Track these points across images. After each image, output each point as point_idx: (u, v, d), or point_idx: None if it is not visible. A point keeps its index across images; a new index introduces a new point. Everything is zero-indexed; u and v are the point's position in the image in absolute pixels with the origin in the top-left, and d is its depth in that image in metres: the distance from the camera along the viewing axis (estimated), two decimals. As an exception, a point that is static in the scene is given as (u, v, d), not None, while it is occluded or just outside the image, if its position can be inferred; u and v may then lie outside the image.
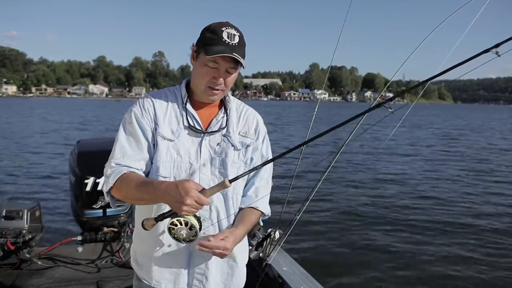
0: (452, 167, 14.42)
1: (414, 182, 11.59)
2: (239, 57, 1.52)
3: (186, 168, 1.59)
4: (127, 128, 1.61)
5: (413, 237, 6.96)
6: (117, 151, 1.58)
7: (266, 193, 1.77)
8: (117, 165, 1.54)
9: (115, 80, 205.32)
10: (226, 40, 1.52)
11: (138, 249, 1.73)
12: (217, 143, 1.65)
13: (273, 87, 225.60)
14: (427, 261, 5.99)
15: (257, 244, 3.02)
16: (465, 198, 9.89)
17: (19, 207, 3.57)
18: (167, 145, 1.59)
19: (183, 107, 1.65)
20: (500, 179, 12.53)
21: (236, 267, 1.72)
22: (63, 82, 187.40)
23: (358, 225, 7.54)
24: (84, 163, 3.49)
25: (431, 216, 8.23)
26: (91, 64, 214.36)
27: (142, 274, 1.69)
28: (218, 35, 1.53)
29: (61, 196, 8.43)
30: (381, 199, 9.48)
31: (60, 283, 3.37)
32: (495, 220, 8.03)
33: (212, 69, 1.56)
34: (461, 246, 6.60)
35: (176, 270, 1.63)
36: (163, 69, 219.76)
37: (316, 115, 2.72)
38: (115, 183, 1.51)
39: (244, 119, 1.75)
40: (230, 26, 1.56)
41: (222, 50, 1.50)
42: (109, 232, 3.65)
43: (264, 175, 1.78)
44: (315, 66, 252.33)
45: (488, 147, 21.57)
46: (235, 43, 1.53)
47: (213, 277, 1.66)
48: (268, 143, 1.82)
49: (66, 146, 16.52)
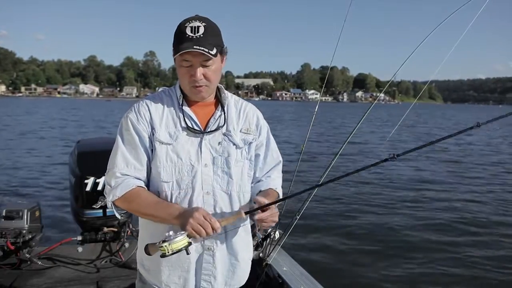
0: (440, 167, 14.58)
1: (414, 182, 11.60)
2: (201, 48, 1.47)
3: (188, 170, 1.58)
4: (124, 136, 1.61)
5: (413, 237, 6.95)
6: (119, 160, 1.57)
7: (279, 180, 1.85)
8: (123, 175, 1.55)
9: (106, 80, 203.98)
10: (189, 35, 1.50)
11: (144, 254, 1.68)
12: (218, 142, 1.63)
13: (265, 87, 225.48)
14: (427, 261, 5.99)
15: (257, 244, 3.03)
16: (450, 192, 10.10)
17: (19, 207, 3.55)
18: (165, 149, 1.58)
19: (180, 109, 1.63)
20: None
21: (238, 265, 1.72)
22: (53, 81, 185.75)
23: (358, 225, 7.53)
24: (84, 163, 3.47)
25: (431, 216, 8.23)
26: (81, 64, 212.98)
27: (150, 278, 1.69)
28: (182, 32, 1.51)
29: (61, 196, 8.35)
30: (381, 199, 9.45)
31: (60, 283, 3.37)
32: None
33: (187, 68, 1.55)
34: (456, 247, 6.61)
35: (184, 273, 1.63)
36: (154, 68, 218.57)
37: (310, 114, 2.73)
38: (123, 195, 1.53)
39: (244, 116, 1.74)
40: (196, 19, 1.54)
41: (185, 47, 1.48)
42: (109, 232, 3.64)
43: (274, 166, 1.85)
44: (307, 66, 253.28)
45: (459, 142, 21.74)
46: (199, 35, 1.50)
47: (219, 276, 1.66)
48: (272, 137, 1.83)
49: (65, 146, 16.44)
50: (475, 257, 6.17)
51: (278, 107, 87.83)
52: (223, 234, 1.65)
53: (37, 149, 16.79)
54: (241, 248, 1.72)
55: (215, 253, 1.63)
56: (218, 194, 1.61)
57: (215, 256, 1.63)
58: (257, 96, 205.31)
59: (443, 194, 10.26)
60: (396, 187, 10.89)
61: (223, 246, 1.66)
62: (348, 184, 10.60)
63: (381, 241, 6.72)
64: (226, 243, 1.67)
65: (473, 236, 7.16)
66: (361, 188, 10.52)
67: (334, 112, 65.63)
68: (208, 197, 1.60)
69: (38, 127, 26.98)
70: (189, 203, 1.58)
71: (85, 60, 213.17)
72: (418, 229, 7.36)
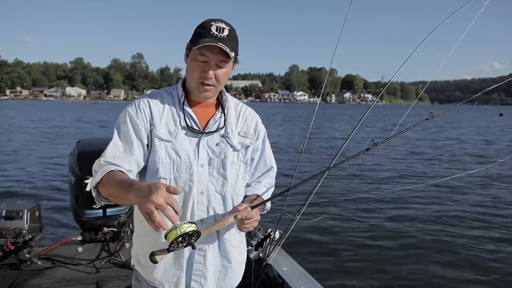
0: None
1: (412, 181, 11.65)
2: (225, 47, 1.49)
3: (186, 168, 1.57)
4: (121, 129, 1.59)
5: (413, 237, 6.97)
6: (108, 151, 1.55)
7: (269, 185, 1.85)
8: (106, 162, 1.51)
9: (93, 82, 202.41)
10: (214, 33, 1.51)
11: (139, 250, 1.70)
12: (215, 143, 1.63)
13: (253, 88, 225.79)
14: (427, 261, 6.01)
15: (257, 244, 2.99)
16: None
17: (19, 207, 3.55)
18: (165, 146, 1.57)
19: (180, 107, 1.63)
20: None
21: (230, 267, 1.71)
22: (39, 84, 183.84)
23: (358, 224, 7.54)
24: (84, 163, 3.47)
25: (432, 216, 8.25)
26: (68, 66, 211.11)
27: (145, 275, 1.68)
28: (206, 28, 1.53)
29: (61, 196, 8.31)
30: (382, 198, 9.44)
31: (60, 283, 3.36)
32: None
33: (202, 63, 1.55)
34: (452, 245, 6.66)
35: (178, 272, 1.63)
36: (142, 71, 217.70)
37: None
38: (101, 179, 1.46)
39: (243, 119, 1.75)
40: (221, 21, 1.56)
41: (207, 41, 1.49)
42: (109, 232, 3.66)
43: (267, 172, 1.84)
44: (295, 68, 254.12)
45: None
46: (223, 36, 1.51)
47: (210, 277, 1.66)
48: (268, 142, 1.84)
49: (66, 146, 16.30)
50: (475, 257, 6.20)
51: (265, 109, 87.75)
52: (216, 235, 1.65)
53: (37, 149, 16.65)
54: (234, 251, 1.71)
55: (207, 254, 1.63)
56: (212, 195, 1.61)
57: (206, 257, 1.64)
58: (246, 98, 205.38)
59: (437, 193, 10.29)
60: (397, 186, 10.69)
61: (215, 247, 1.66)
62: (348, 184, 10.61)
63: (381, 241, 6.72)
64: (219, 244, 1.67)
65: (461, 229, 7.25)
66: (361, 188, 10.53)
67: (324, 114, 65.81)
68: (202, 198, 1.60)
69: (38, 127, 26.67)
70: (183, 201, 1.58)
71: (72, 63, 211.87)
72: (418, 229, 7.35)
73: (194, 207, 1.58)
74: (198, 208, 1.59)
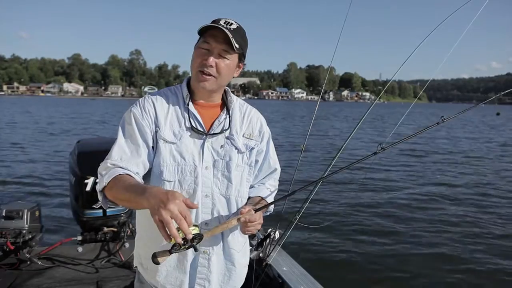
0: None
1: (413, 180, 11.68)
2: (230, 34, 1.47)
3: (191, 171, 1.55)
4: (126, 130, 1.56)
5: (414, 237, 6.96)
6: (114, 152, 1.52)
7: (273, 188, 1.85)
8: (113, 165, 1.47)
9: (90, 79, 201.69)
10: (222, 24, 1.50)
11: (142, 252, 1.68)
12: (220, 145, 1.61)
13: (251, 86, 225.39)
14: (427, 261, 6.02)
15: (257, 244, 3.01)
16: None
17: (19, 207, 3.55)
18: (169, 148, 1.55)
19: (185, 108, 1.60)
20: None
21: (234, 270, 1.70)
22: (36, 80, 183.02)
23: (358, 224, 7.53)
24: (84, 163, 3.47)
25: (432, 215, 8.27)
26: (65, 62, 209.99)
27: (148, 278, 1.67)
28: (215, 21, 1.52)
29: (61, 196, 8.28)
30: (381, 198, 9.46)
31: (60, 283, 3.35)
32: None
33: (204, 51, 1.53)
34: (451, 247, 6.64)
35: (181, 275, 1.61)
36: (140, 67, 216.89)
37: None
38: (109, 182, 1.44)
39: (248, 121, 1.72)
40: (231, 19, 1.55)
41: (212, 27, 1.48)
42: (109, 232, 3.64)
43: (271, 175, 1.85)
44: (293, 65, 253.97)
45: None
46: (231, 28, 1.50)
47: (214, 280, 1.65)
48: (272, 144, 1.83)
49: (66, 145, 16.26)
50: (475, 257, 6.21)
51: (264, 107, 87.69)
52: (220, 238, 1.64)
53: (37, 149, 16.57)
54: (238, 253, 1.70)
55: (211, 257, 1.62)
56: (217, 197, 1.60)
57: (211, 260, 1.62)
58: (244, 95, 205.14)
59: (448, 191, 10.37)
60: (397, 186, 10.92)
61: (219, 250, 1.65)
62: (348, 184, 10.59)
63: (381, 241, 6.72)
64: (223, 247, 1.66)
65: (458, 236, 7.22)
66: (361, 187, 10.52)
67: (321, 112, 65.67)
68: (207, 200, 1.58)
69: (37, 127, 26.59)
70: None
71: (69, 59, 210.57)
72: (419, 229, 7.34)
73: (199, 210, 1.57)
74: (202, 211, 1.57)
